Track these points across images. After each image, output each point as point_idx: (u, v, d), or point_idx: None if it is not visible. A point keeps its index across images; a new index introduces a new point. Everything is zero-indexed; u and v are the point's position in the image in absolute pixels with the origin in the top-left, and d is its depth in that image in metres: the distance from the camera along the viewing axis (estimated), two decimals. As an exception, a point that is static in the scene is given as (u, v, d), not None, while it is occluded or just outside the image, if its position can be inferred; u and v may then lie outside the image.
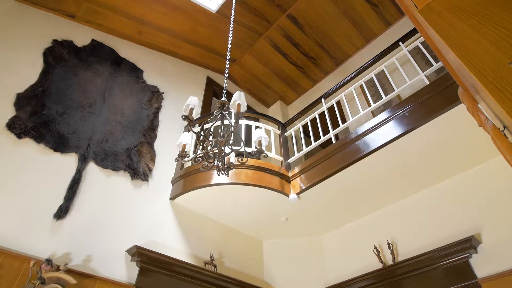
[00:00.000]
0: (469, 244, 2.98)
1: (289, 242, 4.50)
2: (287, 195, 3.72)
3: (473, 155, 3.27)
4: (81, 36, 4.20)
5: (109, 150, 3.56)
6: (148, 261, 3.12)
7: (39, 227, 2.72)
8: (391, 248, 3.61)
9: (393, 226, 3.80)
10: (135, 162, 3.69)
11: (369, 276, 3.57)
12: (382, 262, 3.61)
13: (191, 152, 3.70)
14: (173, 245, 3.52)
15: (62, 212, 2.89)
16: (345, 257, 4.08)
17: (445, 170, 3.45)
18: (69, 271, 2.59)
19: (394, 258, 3.54)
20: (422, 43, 3.53)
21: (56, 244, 2.74)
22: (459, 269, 3.07)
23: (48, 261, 2.51)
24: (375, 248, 3.73)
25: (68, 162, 3.19)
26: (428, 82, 3.15)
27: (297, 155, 4.08)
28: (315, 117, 4.29)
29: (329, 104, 4.19)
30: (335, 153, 3.55)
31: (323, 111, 4.24)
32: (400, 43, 3.75)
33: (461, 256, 3.07)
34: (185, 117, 2.30)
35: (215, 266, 3.65)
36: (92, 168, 3.33)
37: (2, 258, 2.42)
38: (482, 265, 2.96)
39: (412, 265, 3.32)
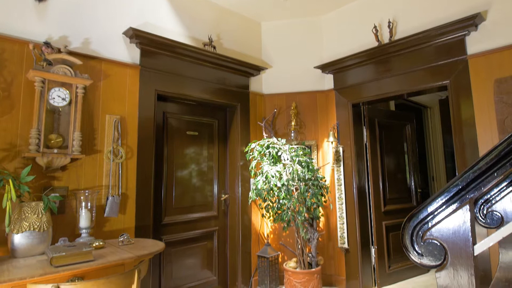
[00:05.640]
0: (472, 21, 2.92)
1: (287, 23, 4.39)
2: (288, -32, 3.29)
3: None
4: None
5: None
6: (147, 43, 3.14)
7: (24, 10, 2.55)
8: (390, 26, 3.56)
9: (397, 4, 3.59)
10: None
11: (363, 54, 3.72)
12: (378, 41, 3.66)
13: None
14: (169, 27, 3.43)
15: (40, -8, 2.63)
16: (343, 37, 4.10)
17: None
18: (72, 53, 2.65)
19: (391, 37, 3.57)
20: None
21: (48, 28, 2.66)
22: (452, 46, 3.16)
23: (47, 44, 2.52)
24: (375, 27, 3.68)
25: None
26: None
27: None
28: None
29: None
30: None
31: None
32: None
33: (458, 34, 3.09)
34: None
35: (214, 47, 3.72)
36: None
37: (0, 43, 2.41)
38: (477, 43, 3.02)
39: (407, 43, 3.39)
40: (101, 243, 2.31)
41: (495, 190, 1.13)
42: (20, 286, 1.72)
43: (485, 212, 1.13)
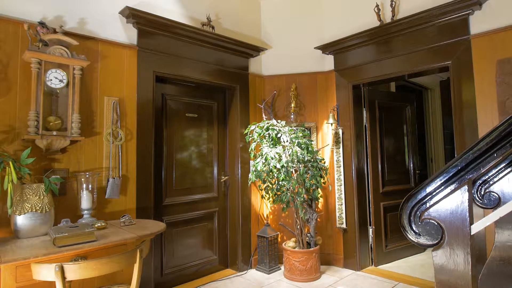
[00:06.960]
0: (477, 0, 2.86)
1: (287, 1, 4.28)
2: None
3: None
4: None
5: None
6: (144, 23, 3.08)
7: (16, -14, 2.49)
8: (393, 5, 3.48)
9: (401, -18, 3.51)
10: None
11: (364, 34, 3.65)
12: (380, 20, 3.59)
13: None
14: (166, 6, 3.35)
15: (33, -31, 2.55)
16: (344, 16, 4.01)
17: None
18: (68, 34, 2.59)
19: (393, 16, 3.50)
20: None
21: (43, 7, 2.59)
22: (455, 26, 3.10)
23: (42, 24, 2.46)
24: (377, 6, 3.60)
25: None
26: None
27: None
28: None
29: None
30: None
31: None
32: None
33: (462, 13, 3.02)
34: None
35: (212, 27, 3.64)
36: None
37: (-7, 22, 2.36)
38: (481, 22, 2.97)
39: (409, 23, 3.33)
40: (103, 224, 2.34)
41: (493, 171, 1.14)
42: (24, 265, 1.76)
43: (482, 192, 1.14)
